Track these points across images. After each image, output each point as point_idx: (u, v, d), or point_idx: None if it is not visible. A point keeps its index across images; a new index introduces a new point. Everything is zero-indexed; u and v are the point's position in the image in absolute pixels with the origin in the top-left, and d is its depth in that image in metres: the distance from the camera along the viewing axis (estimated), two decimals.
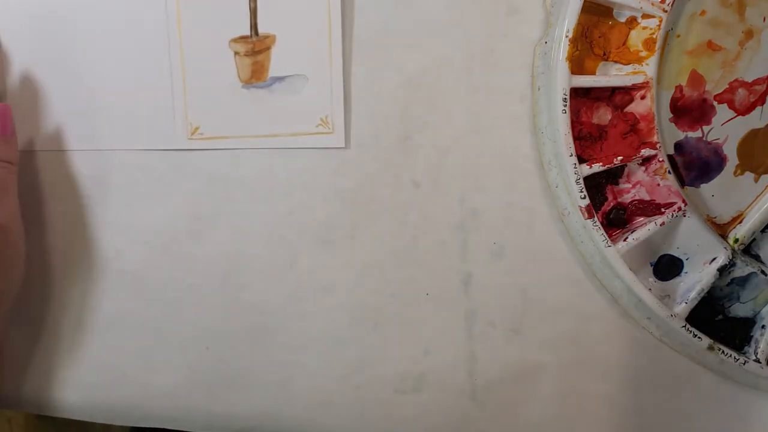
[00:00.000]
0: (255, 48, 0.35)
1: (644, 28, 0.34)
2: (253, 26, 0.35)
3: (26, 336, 0.39)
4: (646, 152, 0.35)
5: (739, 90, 0.35)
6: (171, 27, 0.36)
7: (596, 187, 0.36)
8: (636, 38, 0.34)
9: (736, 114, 0.35)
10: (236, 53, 0.36)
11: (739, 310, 0.37)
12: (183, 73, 0.36)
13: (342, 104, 0.36)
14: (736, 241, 0.36)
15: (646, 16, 0.34)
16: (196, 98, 0.36)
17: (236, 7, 0.35)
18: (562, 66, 0.33)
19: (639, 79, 0.34)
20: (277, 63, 0.36)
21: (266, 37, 0.35)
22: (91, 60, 0.37)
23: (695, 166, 0.36)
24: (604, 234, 0.34)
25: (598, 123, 0.35)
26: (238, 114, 0.36)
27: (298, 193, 0.37)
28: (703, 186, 0.36)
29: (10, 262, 0.34)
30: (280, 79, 0.36)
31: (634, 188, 0.36)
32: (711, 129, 0.35)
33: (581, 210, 0.34)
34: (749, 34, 0.34)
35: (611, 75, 0.35)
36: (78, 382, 0.39)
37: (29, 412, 0.41)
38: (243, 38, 0.36)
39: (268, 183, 0.37)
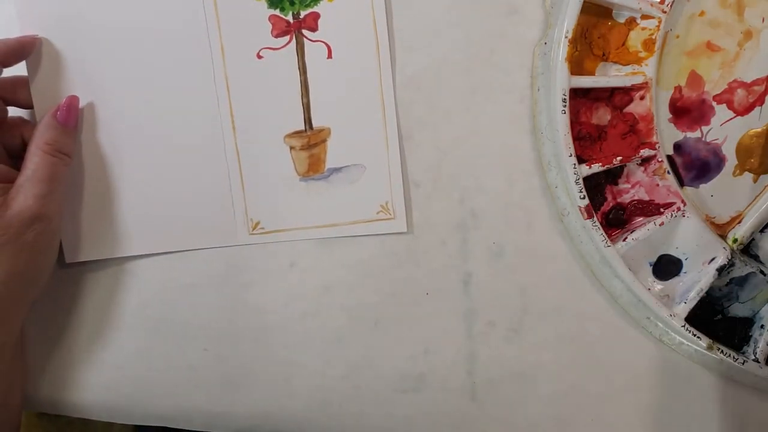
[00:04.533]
0: (310, 141, 0.36)
1: (643, 28, 0.34)
2: (307, 121, 0.36)
3: (26, 336, 0.39)
4: (645, 152, 0.35)
5: (738, 90, 0.35)
6: (225, 128, 0.36)
7: (596, 187, 0.36)
8: (635, 39, 0.34)
9: (735, 114, 0.35)
10: (292, 148, 0.36)
11: (738, 309, 0.37)
12: (240, 171, 0.36)
13: (402, 189, 0.36)
14: (735, 241, 0.36)
15: (645, 16, 0.34)
16: (254, 194, 0.37)
17: (289, 103, 0.36)
18: (561, 66, 0.33)
19: (638, 80, 0.34)
20: (334, 154, 0.36)
21: (321, 130, 0.36)
22: (147, 163, 0.37)
23: (694, 166, 0.36)
24: (604, 234, 0.34)
25: (598, 123, 0.36)
26: (298, 206, 0.37)
27: None
28: (702, 186, 0.36)
29: (47, 252, 0.35)
30: (338, 169, 0.36)
31: (633, 188, 0.36)
32: (710, 129, 0.35)
33: (581, 210, 0.34)
34: (748, 34, 0.34)
35: (610, 75, 0.35)
36: (79, 382, 0.39)
37: (30, 411, 0.41)
38: (298, 133, 0.36)
39: None
